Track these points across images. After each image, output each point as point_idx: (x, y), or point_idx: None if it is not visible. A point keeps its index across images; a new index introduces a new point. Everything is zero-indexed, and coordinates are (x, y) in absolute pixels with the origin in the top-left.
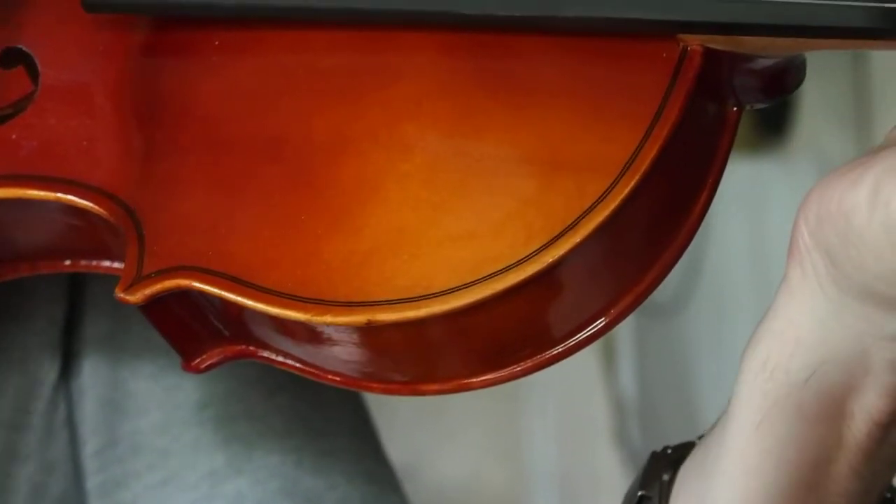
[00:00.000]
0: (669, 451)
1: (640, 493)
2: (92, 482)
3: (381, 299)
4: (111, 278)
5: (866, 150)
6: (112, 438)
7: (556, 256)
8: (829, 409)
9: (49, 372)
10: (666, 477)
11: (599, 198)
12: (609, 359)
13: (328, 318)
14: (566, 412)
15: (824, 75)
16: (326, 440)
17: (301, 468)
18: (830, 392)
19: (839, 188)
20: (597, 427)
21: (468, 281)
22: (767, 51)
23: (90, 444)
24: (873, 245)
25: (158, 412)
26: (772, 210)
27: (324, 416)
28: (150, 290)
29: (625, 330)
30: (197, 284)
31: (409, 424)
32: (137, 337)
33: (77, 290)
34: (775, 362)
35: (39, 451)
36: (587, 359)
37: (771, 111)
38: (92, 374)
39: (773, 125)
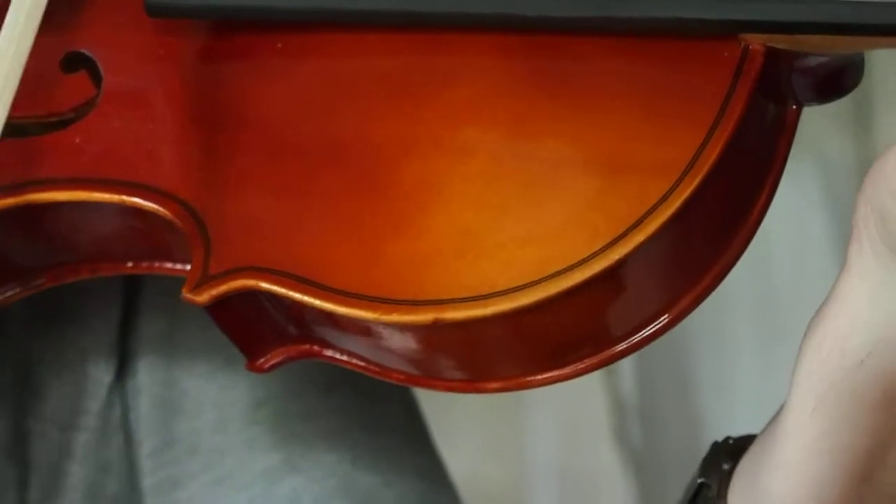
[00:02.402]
0: (731, 441)
1: (699, 481)
2: (148, 482)
3: (447, 298)
4: (166, 278)
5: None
6: (168, 438)
7: (621, 255)
8: (886, 395)
9: (105, 372)
10: (726, 466)
11: (662, 198)
12: None
13: (395, 317)
14: (566, 412)
15: None
16: (381, 437)
17: (357, 466)
18: (886, 376)
19: (893, 150)
20: (597, 427)
21: (533, 279)
22: (829, 49)
23: (146, 444)
24: None
25: (214, 411)
26: (772, 210)
27: (377, 414)
28: (216, 291)
29: None
30: (264, 285)
31: None
32: (192, 336)
33: (132, 290)
34: (831, 345)
35: (95, 451)
36: None
37: None
38: (147, 374)
39: None
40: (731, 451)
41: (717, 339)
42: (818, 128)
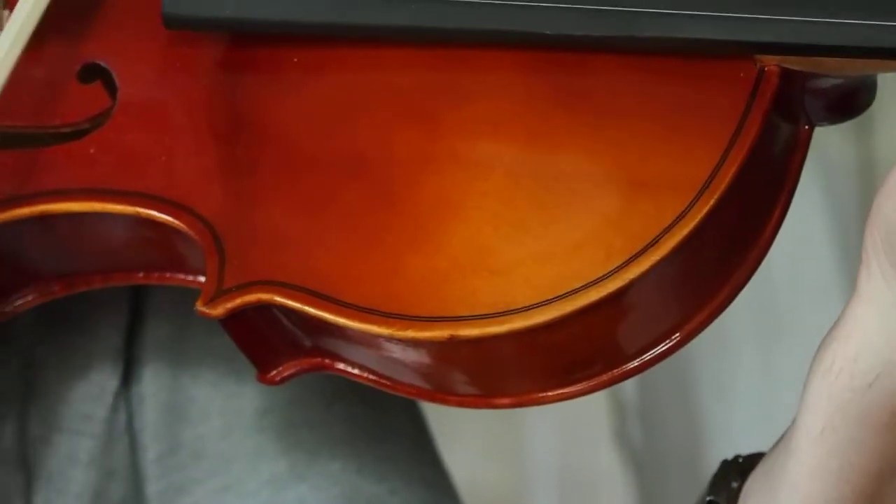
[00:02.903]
0: (741, 459)
1: (708, 499)
2: (153, 488)
3: (462, 315)
4: (180, 286)
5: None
6: (173, 444)
7: (636, 274)
8: (893, 416)
9: (111, 378)
10: (735, 484)
11: (678, 217)
12: None
13: (410, 333)
14: (566, 412)
15: None
16: (386, 446)
17: (362, 475)
18: (894, 398)
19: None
20: (597, 427)
21: (549, 297)
22: (843, 71)
23: (151, 450)
24: None
25: (220, 419)
26: None
27: (383, 423)
28: (231, 304)
29: None
30: (279, 299)
31: None
32: (199, 344)
33: (139, 297)
34: (840, 366)
35: (101, 457)
36: None
37: None
38: (153, 381)
39: None
40: (740, 470)
41: (717, 340)
42: (819, 129)
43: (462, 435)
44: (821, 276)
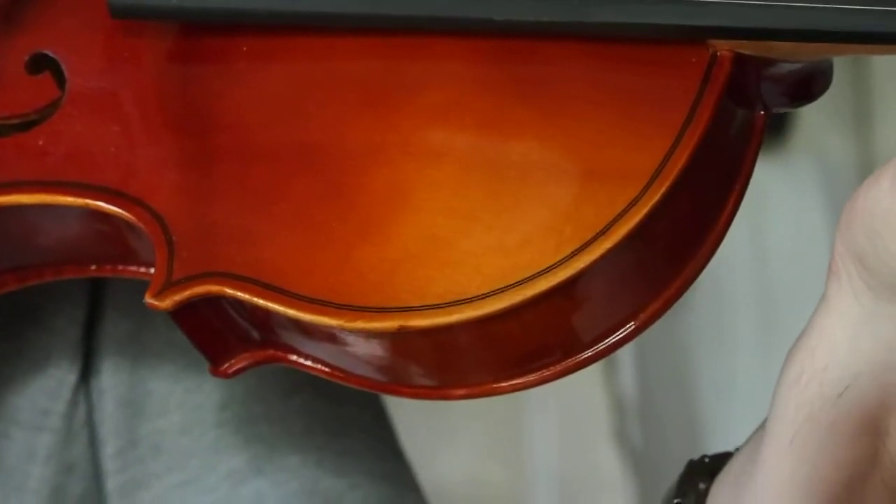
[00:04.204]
0: (707, 459)
1: (676, 501)
2: (112, 483)
3: (412, 305)
4: (132, 278)
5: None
6: (132, 439)
7: (587, 263)
8: (864, 426)
9: (69, 372)
10: (702, 486)
11: (629, 205)
12: (609, 359)
13: (360, 324)
14: (566, 412)
15: None
16: (346, 440)
17: (321, 468)
18: (864, 408)
19: (863, 188)
20: (597, 427)
21: (499, 287)
22: (796, 56)
23: (110, 445)
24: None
25: (179, 413)
26: (772, 210)
27: (343, 417)
28: (179, 296)
29: None
30: (228, 290)
31: (409, 424)
32: (158, 337)
33: (98, 290)
34: (809, 376)
35: (59, 452)
36: None
37: None
38: (112, 375)
39: (773, 126)
40: (707, 470)
41: (717, 339)
42: (818, 128)
43: (462, 435)
44: (821, 276)
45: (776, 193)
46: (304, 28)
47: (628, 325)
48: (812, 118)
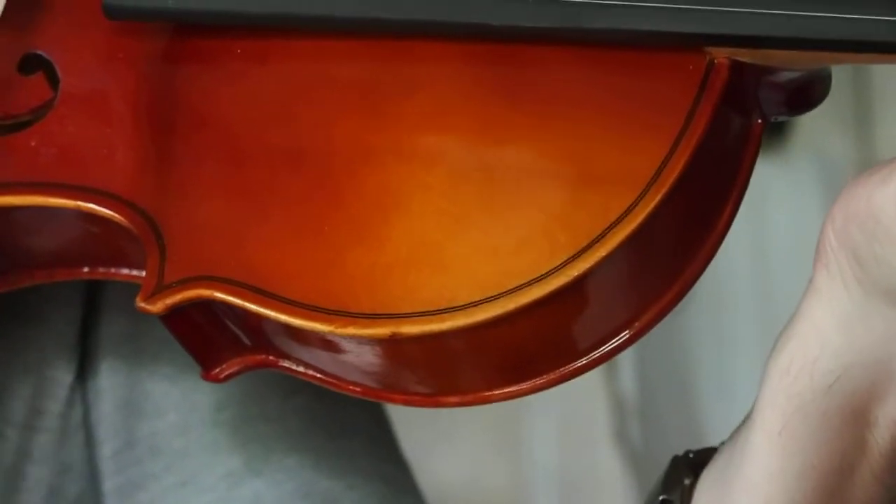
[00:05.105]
0: (692, 455)
1: (661, 497)
2: (109, 484)
3: (404, 312)
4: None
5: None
6: (129, 440)
7: (581, 271)
8: (853, 415)
9: (65, 373)
10: (687, 481)
11: (625, 212)
12: None
13: (351, 331)
14: (566, 412)
15: None
16: (343, 441)
17: (318, 470)
18: (854, 398)
19: (868, 187)
20: (597, 427)
21: (492, 294)
22: (793, 64)
23: (107, 446)
24: None
25: (176, 413)
26: (772, 209)
27: (341, 418)
28: (171, 300)
29: None
30: (219, 295)
31: (408, 424)
32: (155, 338)
33: (94, 290)
34: (799, 366)
35: (55, 453)
36: None
37: None
38: (109, 376)
39: (773, 126)
40: (691, 465)
41: (717, 339)
42: (818, 128)
43: (462, 435)
44: None
45: (776, 193)
46: (298, 30)
47: (623, 334)
48: (812, 118)
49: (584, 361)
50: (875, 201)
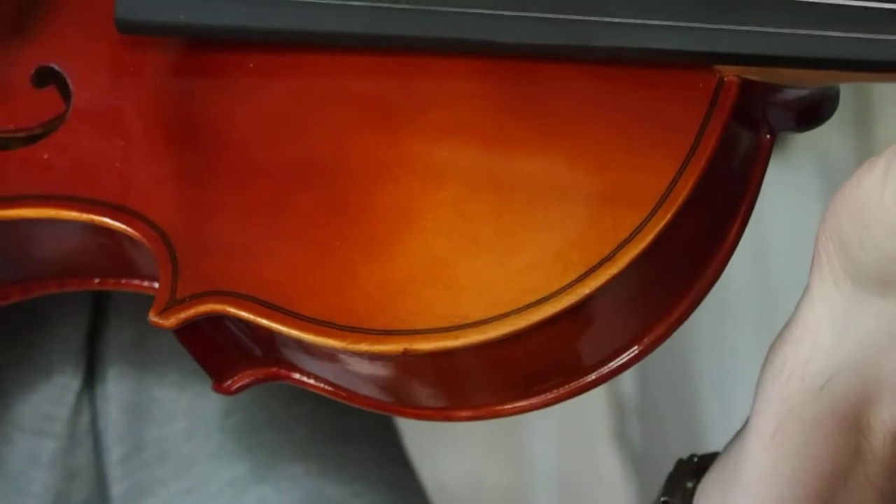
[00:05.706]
0: (695, 458)
1: (663, 499)
2: (116, 489)
3: (417, 328)
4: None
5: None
6: (137, 445)
7: (592, 289)
8: (846, 419)
9: (73, 379)
10: (690, 484)
11: (635, 230)
12: None
13: (364, 347)
14: (566, 412)
15: None
16: (350, 448)
17: (324, 476)
18: (846, 401)
19: (854, 177)
20: (597, 427)
21: (504, 311)
22: (802, 82)
23: (115, 451)
24: (885, 222)
25: (184, 419)
26: (772, 209)
27: (347, 424)
28: (184, 315)
29: None
30: (231, 310)
31: (410, 425)
32: (162, 344)
33: (102, 297)
34: (791, 369)
35: (63, 458)
36: None
37: None
38: (117, 381)
39: None
40: (695, 469)
41: (717, 339)
42: (818, 129)
43: (462, 435)
44: None
45: (776, 193)
46: (311, 46)
47: (632, 349)
48: None
49: (593, 377)
50: (864, 186)
